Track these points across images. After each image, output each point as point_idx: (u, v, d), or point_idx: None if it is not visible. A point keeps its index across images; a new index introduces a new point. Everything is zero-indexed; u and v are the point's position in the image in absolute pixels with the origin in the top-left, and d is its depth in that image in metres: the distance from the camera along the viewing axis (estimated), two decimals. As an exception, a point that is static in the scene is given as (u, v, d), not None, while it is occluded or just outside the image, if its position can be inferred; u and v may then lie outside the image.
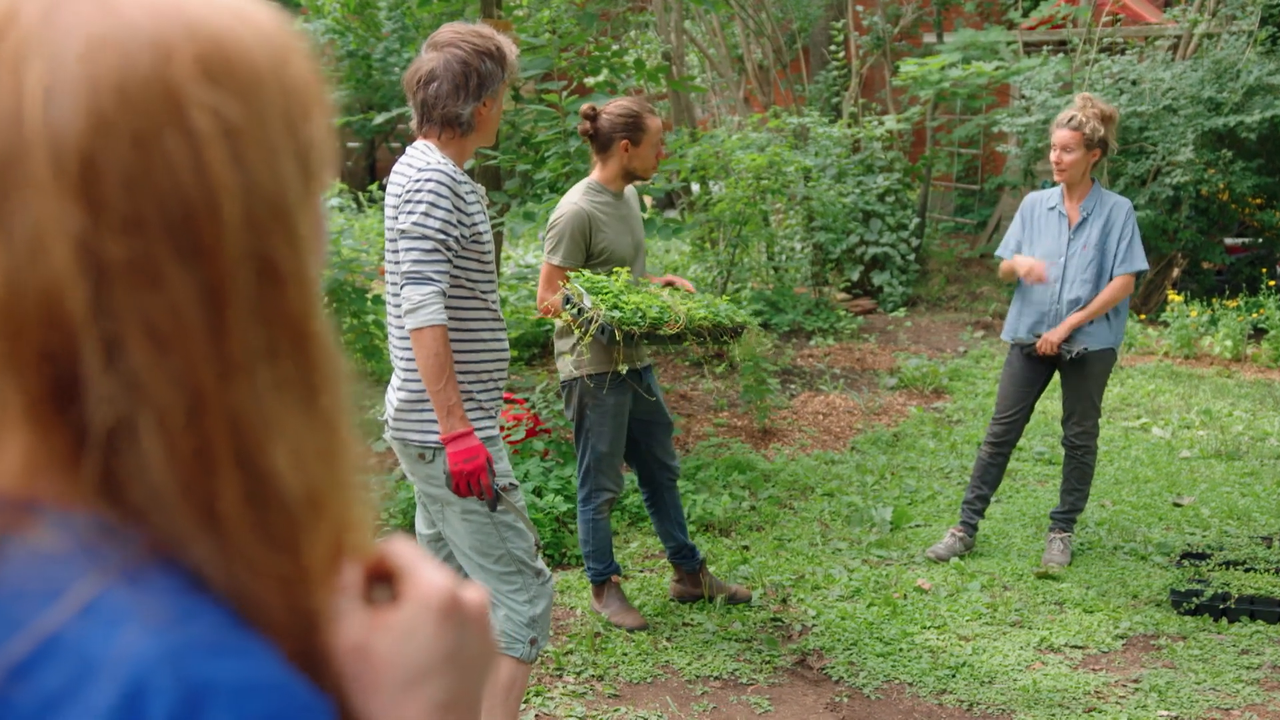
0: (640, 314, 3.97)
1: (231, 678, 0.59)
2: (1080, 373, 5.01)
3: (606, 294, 3.98)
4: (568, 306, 4.01)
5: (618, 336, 3.93)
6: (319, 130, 0.69)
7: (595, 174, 4.34)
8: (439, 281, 2.98)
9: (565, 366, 4.34)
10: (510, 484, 3.14)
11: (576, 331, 4.02)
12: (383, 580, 0.72)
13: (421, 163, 3.03)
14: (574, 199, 4.26)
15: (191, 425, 0.62)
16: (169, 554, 0.62)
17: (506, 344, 3.21)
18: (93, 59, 0.60)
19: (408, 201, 3.00)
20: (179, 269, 0.61)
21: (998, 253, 5.26)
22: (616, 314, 3.92)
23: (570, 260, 4.18)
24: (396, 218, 3.05)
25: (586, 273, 4.09)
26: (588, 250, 4.22)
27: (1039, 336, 4.98)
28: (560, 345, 4.35)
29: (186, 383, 0.61)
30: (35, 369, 0.61)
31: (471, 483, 3.00)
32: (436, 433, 3.05)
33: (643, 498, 4.71)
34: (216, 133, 0.62)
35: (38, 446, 0.62)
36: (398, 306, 3.09)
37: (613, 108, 4.29)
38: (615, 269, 4.16)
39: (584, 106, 4.34)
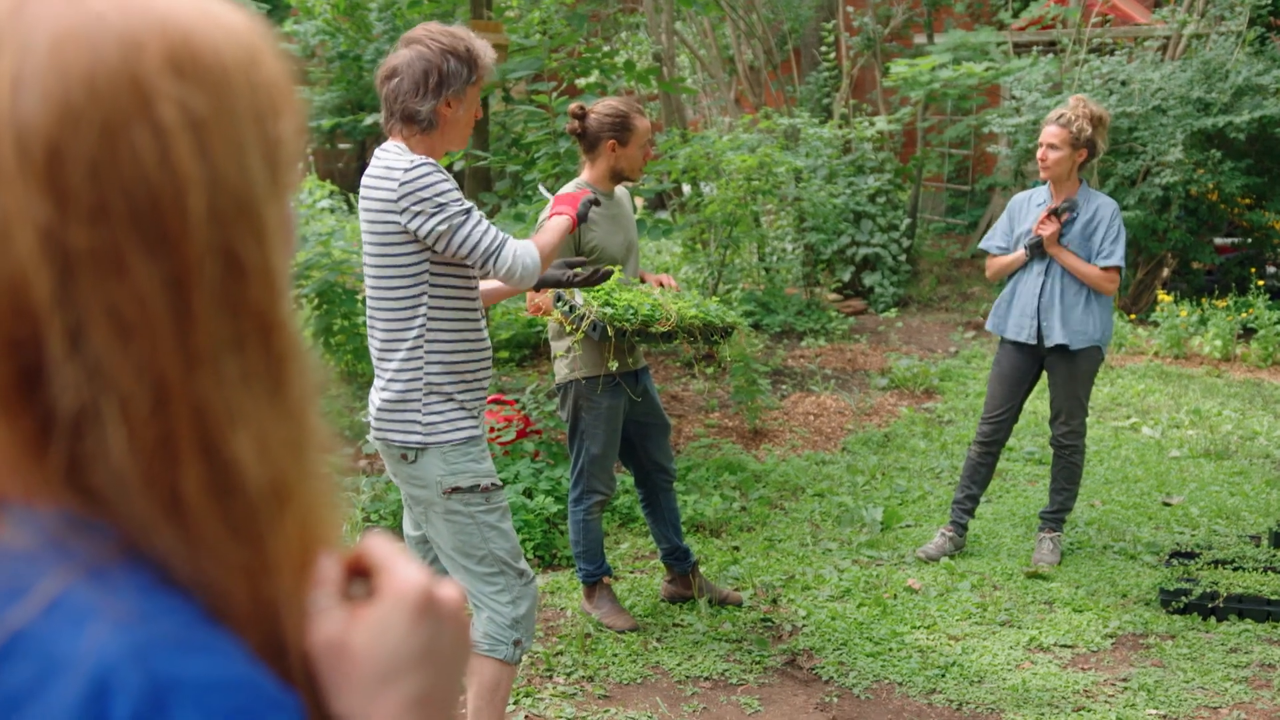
0: (632, 311, 3.98)
1: (197, 674, 0.59)
2: (1067, 371, 5.03)
3: (598, 291, 3.99)
4: (559, 304, 4.01)
5: (610, 333, 3.94)
6: (288, 129, 0.69)
7: (584, 174, 4.35)
8: (502, 237, 3.07)
9: (561, 369, 4.34)
10: (494, 484, 3.14)
11: (568, 329, 4.03)
12: (360, 576, 0.72)
13: (405, 162, 2.99)
14: None
15: (155, 413, 0.62)
16: (136, 549, 0.62)
17: (489, 345, 3.21)
18: (61, 51, 0.61)
19: (422, 201, 2.96)
20: (144, 259, 0.61)
21: (982, 244, 5.29)
22: (609, 310, 3.93)
23: (560, 259, 4.19)
24: (385, 221, 3.01)
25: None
26: (577, 249, 4.22)
27: (1017, 341, 5.02)
28: (556, 347, 4.35)
29: (150, 371, 0.62)
30: (1, 357, 0.61)
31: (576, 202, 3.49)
32: (418, 433, 3.06)
33: (638, 498, 4.71)
34: (183, 125, 0.63)
35: (4, 434, 0.62)
36: (384, 308, 3.08)
37: (601, 107, 4.29)
38: (610, 266, 4.16)
39: (572, 106, 4.33)
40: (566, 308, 3.98)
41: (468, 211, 2.99)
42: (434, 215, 2.96)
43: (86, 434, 0.61)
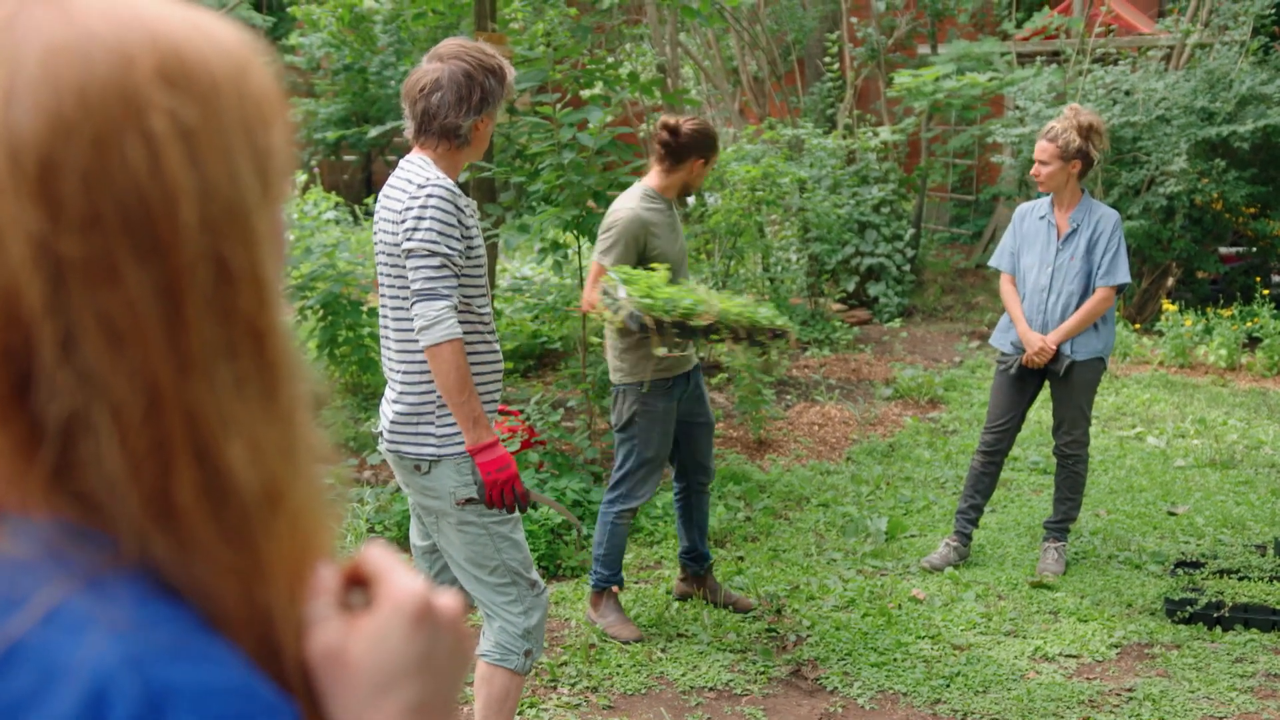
0: (672, 304, 3.96)
1: (193, 681, 0.60)
2: (1069, 382, 5.03)
3: (640, 284, 3.98)
4: (604, 298, 4.02)
5: (648, 323, 3.92)
6: (278, 139, 0.70)
7: (652, 181, 4.40)
8: (450, 296, 2.98)
9: (617, 371, 4.36)
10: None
11: (608, 319, 4.03)
12: (359, 585, 0.73)
13: (421, 179, 3.02)
14: (630, 204, 4.30)
15: (147, 420, 0.63)
16: (132, 559, 0.63)
17: (500, 357, 3.22)
18: (53, 63, 0.62)
19: (414, 218, 2.98)
20: (136, 267, 0.62)
21: (992, 262, 5.31)
22: (647, 302, 3.92)
23: (622, 263, 4.20)
24: (396, 233, 3.04)
25: (625, 267, 4.10)
26: (641, 255, 4.25)
27: (1022, 351, 5.02)
28: (611, 349, 4.37)
29: (143, 378, 0.63)
30: None
31: (505, 491, 3.01)
32: (432, 445, 3.06)
33: (674, 495, 4.74)
34: (174, 135, 0.63)
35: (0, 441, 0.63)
36: (398, 320, 3.08)
37: (692, 125, 4.39)
38: (653, 265, 4.17)
39: (664, 119, 4.43)
40: (610, 301, 3.97)
41: (434, 254, 2.97)
42: (415, 231, 2.97)
43: (79, 440, 0.62)
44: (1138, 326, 9.99)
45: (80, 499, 0.63)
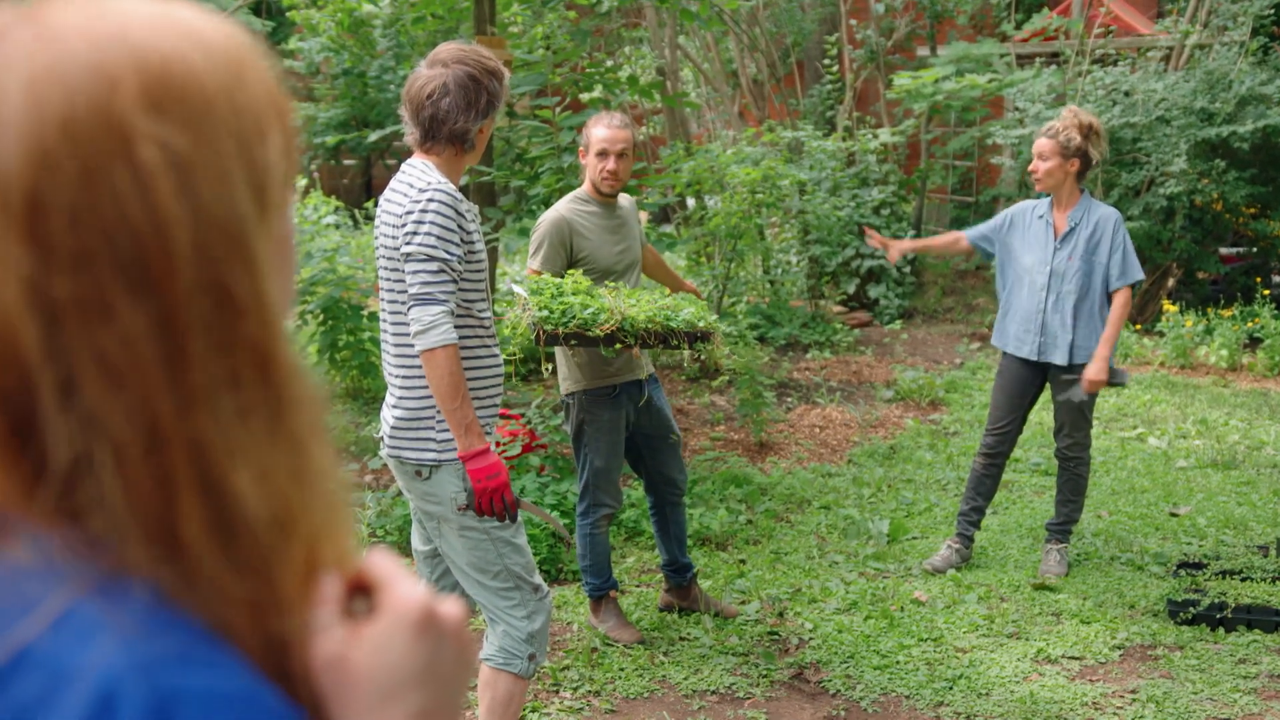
0: (570, 315, 3.88)
1: (200, 687, 0.59)
2: (1069, 385, 5.03)
3: (546, 292, 3.94)
4: (517, 307, 4.01)
5: (540, 335, 3.86)
6: (275, 150, 0.68)
7: (584, 184, 4.41)
8: (446, 302, 2.97)
9: (563, 382, 4.36)
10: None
11: (510, 326, 4.03)
12: (361, 593, 0.73)
13: (422, 183, 3.01)
14: (558, 206, 4.33)
15: (150, 457, 0.61)
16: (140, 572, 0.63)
17: (500, 361, 3.21)
18: (35, 93, 0.60)
19: (414, 222, 2.98)
20: (130, 303, 0.60)
21: (964, 232, 5.36)
22: (544, 314, 3.85)
23: (549, 265, 4.20)
24: (396, 237, 3.03)
25: (535, 276, 4.07)
26: (569, 257, 4.23)
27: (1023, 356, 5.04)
28: (559, 361, 4.36)
29: (143, 416, 0.61)
30: None
31: (495, 500, 3.00)
32: (433, 450, 3.05)
33: (648, 507, 4.73)
34: (164, 165, 0.61)
35: (2, 483, 0.62)
36: (397, 325, 3.08)
37: None
38: (571, 271, 4.11)
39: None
40: (520, 308, 3.95)
41: (433, 259, 2.96)
42: (414, 235, 2.97)
43: (81, 480, 0.61)
44: (1139, 327, 9.99)
45: (85, 533, 0.62)
